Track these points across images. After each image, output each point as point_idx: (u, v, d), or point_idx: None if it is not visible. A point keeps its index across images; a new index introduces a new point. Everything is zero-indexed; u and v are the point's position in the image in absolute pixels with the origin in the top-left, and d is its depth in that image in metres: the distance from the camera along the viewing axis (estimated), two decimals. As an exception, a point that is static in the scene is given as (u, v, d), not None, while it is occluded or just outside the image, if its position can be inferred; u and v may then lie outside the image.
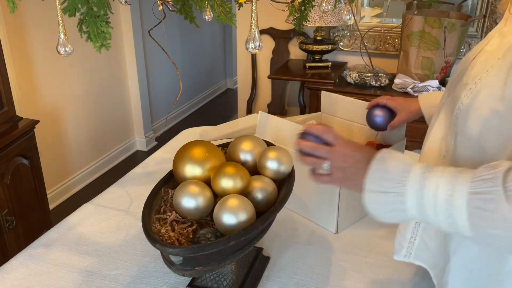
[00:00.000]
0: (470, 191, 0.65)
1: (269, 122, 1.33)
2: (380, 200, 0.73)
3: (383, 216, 0.75)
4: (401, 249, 0.89)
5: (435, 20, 2.34)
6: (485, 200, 0.63)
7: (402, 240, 0.88)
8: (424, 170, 0.71)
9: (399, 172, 0.72)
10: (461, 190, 0.65)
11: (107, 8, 0.80)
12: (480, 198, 0.63)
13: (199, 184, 0.92)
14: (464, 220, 0.65)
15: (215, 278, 1.01)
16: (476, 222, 0.64)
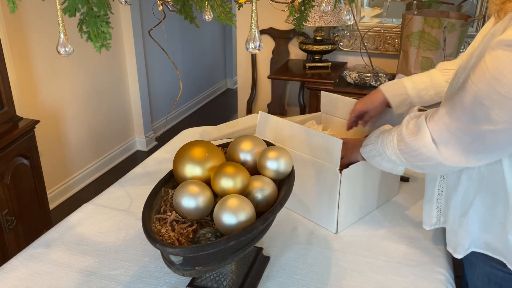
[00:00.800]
0: (397, 133, 1.02)
1: (269, 122, 1.33)
2: (366, 150, 1.13)
3: (373, 161, 1.13)
4: (431, 218, 1.12)
5: (435, 20, 2.34)
6: (400, 128, 1.00)
7: (430, 211, 1.12)
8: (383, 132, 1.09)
9: (376, 132, 1.12)
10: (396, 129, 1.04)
11: (107, 8, 0.80)
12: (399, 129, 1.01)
13: (199, 184, 0.92)
14: (396, 147, 1.02)
15: (215, 278, 1.01)
16: (398, 143, 1.01)
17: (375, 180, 1.30)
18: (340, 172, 1.17)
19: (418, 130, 0.94)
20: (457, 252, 1.04)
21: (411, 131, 0.96)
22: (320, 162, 1.21)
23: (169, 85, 4.09)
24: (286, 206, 1.25)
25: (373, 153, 1.11)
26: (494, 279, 1.01)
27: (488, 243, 0.99)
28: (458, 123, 0.87)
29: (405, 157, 1.01)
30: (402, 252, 1.16)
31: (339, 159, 1.17)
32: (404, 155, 1.00)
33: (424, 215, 1.14)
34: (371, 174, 1.27)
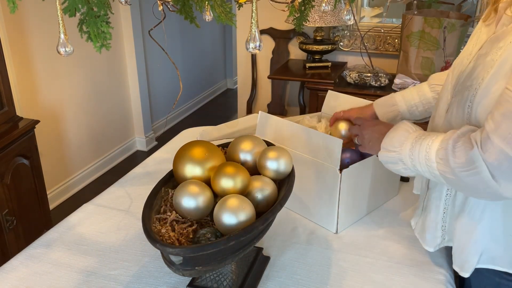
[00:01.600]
0: (437, 147, 0.90)
1: (269, 122, 1.33)
2: (388, 156, 1.01)
3: (393, 168, 1.02)
4: (435, 239, 1.07)
5: (435, 20, 2.34)
6: (443, 154, 0.89)
7: (435, 232, 1.07)
8: (418, 134, 0.97)
9: (401, 138, 0.99)
10: (433, 147, 0.91)
11: (107, 8, 0.80)
12: (441, 153, 0.89)
13: (199, 184, 0.92)
14: (435, 169, 0.91)
15: (215, 278, 1.01)
16: (441, 169, 0.89)
17: (375, 180, 1.30)
18: (340, 172, 1.17)
19: (472, 163, 0.83)
20: (465, 270, 1.00)
21: (462, 163, 0.85)
22: (320, 162, 1.21)
23: (169, 85, 4.09)
24: (286, 206, 1.25)
25: (396, 162, 1.00)
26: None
27: (496, 257, 0.97)
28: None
29: (450, 182, 0.91)
30: (402, 252, 1.16)
31: (339, 159, 1.16)
32: (450, 182, 0.90)
33: (427, 236, 1.08)
34: (371, 174, 1.27)
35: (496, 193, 0.83)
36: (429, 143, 0.92)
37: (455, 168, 0.86)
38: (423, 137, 0.94)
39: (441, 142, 0.90)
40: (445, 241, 1.07)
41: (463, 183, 0.86)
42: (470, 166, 0.83)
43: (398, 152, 0.98)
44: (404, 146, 0.97)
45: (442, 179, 0.91)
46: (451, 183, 0.90)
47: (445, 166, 0.88)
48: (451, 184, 0.91)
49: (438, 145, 0.90)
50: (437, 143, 0.91)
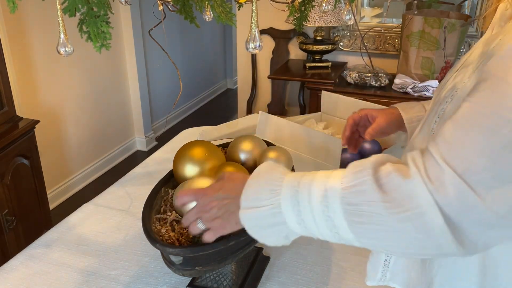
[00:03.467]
0: (342, 186, 0.61)
1: (269, 122, 1.33)
2: (256, 215, 0.67)
3: (265, 234, 0.68)
4: (376, 273, 0.83)
5: (435, 20, 2.34)
6: (356, 192, 0.59)
7: (376, 263, 0.82)
8: (297, 176, 0.66)
9: (273, 182, 0.67)
10: (333, 188, 0.61)
11: (107, 8, 0.80)
12: (352, 192, 0.59)
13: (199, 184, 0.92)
14: (341, 220, 0.60)
15: (215, 278, 1.01)
16: (352, 219, 0.59)
17: (375, 180, 1.30)
18: (340, 172, 1.17)
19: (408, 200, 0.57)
20: None
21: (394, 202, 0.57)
22: (320, 162, 1.21)
23: (169, 85, 4.09)
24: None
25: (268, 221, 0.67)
26: None
27: None
28: None
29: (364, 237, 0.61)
30: (402, 252, 1.16)
31: (339, 159, 1.16)
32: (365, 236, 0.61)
33: (368, 267, 0.84)
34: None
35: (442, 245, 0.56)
36: (324, 182, 0.63)
37: (382, 211, 0.57)
38: (308, 175, 0.66)
39: (345, 177, 0.62)
40: (386, 279, 0.83)
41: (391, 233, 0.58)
42: (407, 204, 0.56)
43: (274, 205, 0.65)
44: (283, 193, 0.65)
45: (348, 234, 0.61)
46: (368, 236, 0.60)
47: (361, 214, 0.59)
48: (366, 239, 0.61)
49: (341, 183, 0.61)
50: (337, 180, 0.62)
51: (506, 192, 0.54)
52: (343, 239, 0.63)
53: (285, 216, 0.65)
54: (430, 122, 0.74)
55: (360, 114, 1.05)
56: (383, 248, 0.63)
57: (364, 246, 0.63)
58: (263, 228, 0.68)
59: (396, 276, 0.81)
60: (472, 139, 0.55)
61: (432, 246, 0.57)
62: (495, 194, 0.54)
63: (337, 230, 0.62)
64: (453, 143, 0.56)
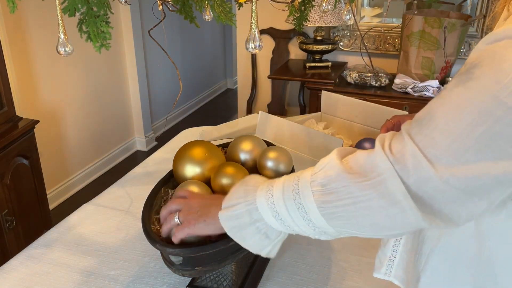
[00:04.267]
0: (311, 174, 0.64)
1: (269, 122, 1.33)
2: (233, 213, 0.70)
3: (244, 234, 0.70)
4: (381, 266, 0.86)
5: (435, 20, 2.34)
6: (323, 173, 0.63)
7: (382, 257, 0.85)
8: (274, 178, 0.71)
9: (250, 184, 0.72)
10: (303, 177, 0.65)
11: (107, 8, 0.80)
12: (319, 174, 0.63)
13: (199, 184, 0.92)
14: (311, 204, 0.62)
15: (215, 278, 1.01)
16: (321, 199, 0.62)
17: (375, 180, 1.30)
18: (340, 172, 1.17)
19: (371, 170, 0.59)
20: None
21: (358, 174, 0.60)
22: (320, 162, 1.21)
23: (169, 85, 4.09)
24: (286, 206, 1.25)
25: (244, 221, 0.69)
26: None
27: None
28: None
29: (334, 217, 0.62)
30: (402, 252, 1.16)
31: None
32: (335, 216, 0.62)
33: (376, 259, 0.88)
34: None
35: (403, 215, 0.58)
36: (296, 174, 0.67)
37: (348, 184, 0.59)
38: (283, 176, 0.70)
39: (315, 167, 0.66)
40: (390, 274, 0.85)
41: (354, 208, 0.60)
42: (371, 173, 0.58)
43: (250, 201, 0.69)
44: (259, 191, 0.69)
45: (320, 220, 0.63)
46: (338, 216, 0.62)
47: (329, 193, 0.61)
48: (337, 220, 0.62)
49: (311, 171, 0.65)
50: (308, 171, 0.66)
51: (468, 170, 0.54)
52: (317, 228, 0.65)
53: (261, 212, 0.68)
54: None
55: (392, 121, 1.06)
56: (355, 228, 0.63)
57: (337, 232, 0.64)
58: (241, 227, 0.70)
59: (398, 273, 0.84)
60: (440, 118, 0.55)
61: (398, 213, 0.58)
62: (454, 171, 0.54)
63: (309, 217, 0.64)
64: (423, 121, 0.57)
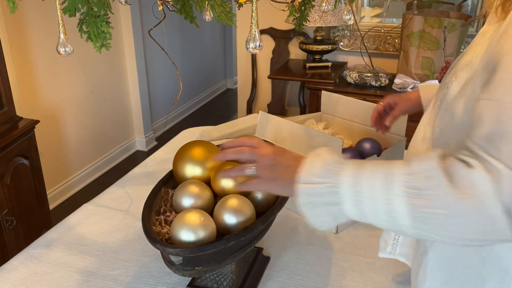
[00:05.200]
0: (406, 172, 0.62)
1: (269, 122, 1.33)
2: (313, 191, 0.68)
3: (316, 212, 0.69)
4: (386, 246, 0.91)
5: (435, 20, 2.34)
6: (423, 178, 0.61)
7: (387, 237, 0.90)
8: (358, 162, 0.69)
9: (333, 163, 0.68)
10: (397, 173, 0.63)
11: (107, 8, 0.80)
12: (418, 177, 0.61)
13: (199, 184, 0.92)
14: (402, 204, 0.61)
15: (215, 278, 1.01)
16: (414, 202, 0.61)
17: (375, 180, 1.30)
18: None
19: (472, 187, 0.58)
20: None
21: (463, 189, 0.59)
22: (320, 162, 1.21)
23: (169, 85, 4.09)
24: (286, 206, 1.25)
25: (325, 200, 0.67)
26: None
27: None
28: None
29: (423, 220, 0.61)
30: (402, 252, 1.16)
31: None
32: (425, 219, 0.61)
33: (380, 240, 0.95)
34: (371, 174, 1.27)
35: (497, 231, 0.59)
36: (388, 168, 0.65)
37: (450, 197, 0.59)
38: (370, 162, 0.68)
39: (409, 165, 0.63)
40: (395, 252, 0.91)
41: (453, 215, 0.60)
42: (472, 191, 0.58)
43: (332, 183, 0.66)
44: (342, 172, 0.67)
45: (406, 220, 0.63)
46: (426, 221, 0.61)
47: (427, 198, 0.60)
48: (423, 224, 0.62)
49: (405, 170, 0.63)
50: (400, 168, 0.64)
51: None
52: (396, 225, 0.65)
53: (342, 197, 0.66)
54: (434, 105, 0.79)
55: (383, 103, 1.17)
56: (438, 234, 0.62)
57: (416, 233, 0.64)
58: (316, 205, 0.68)
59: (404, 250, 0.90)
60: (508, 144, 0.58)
61: (491, 231, 0.59)
62: None
63: (394, 215, 0.63)
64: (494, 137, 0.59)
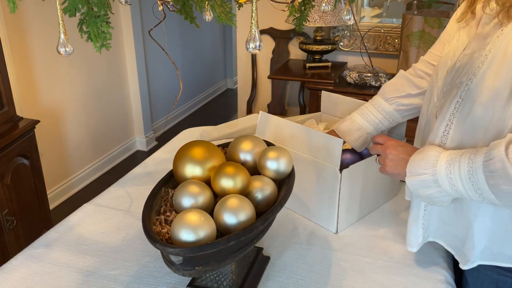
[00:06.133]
0: (483, 160, 0.84)
1: (269, 122, 1.33)
2: (418, 181, 0.93)
3: (424, 193, 0.94)
4: (417, 238, 1.06)
5: (435, 20, 2.34)
6: (494, 164, 0.82)
7: (417, 231, 1.06)
8: (451, 153, 0.91)
9: (432, 158, 0.92)
10: (478, 161, 0.85)
11: (107, 8, 0.80)
12: (490, 163, 0.82)
13: (199, 184, 0.92)
14: (484, 184, 0.84)
15: (215, 278, 1.01)
16: (492, 183, 0.83)
17: (375, 180, 1.30)
18: (340, 172, 1.17)
19: None
20: (465, 265, 1.01)
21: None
22: (320, 162, 1.21)
23: (169, 85, 4.09)
24: (286, 206, 1.25)
25: (429, 185, 0.93)
26: (502, 286, 0.99)
27: (496, 254, 0.97)
28: None
29: (503, 195, 0.84)
30: (402, 252, 1.16)
31: (340, 159, 1.16)
32: (504, 194, 0.83)
33: (409, 236, 1.08)
34: (371, 174, 1.27)
35: None
36: (470, 157, 0.86)
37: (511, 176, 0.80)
38: (459, 154, 0.89)
39: (486, 153, 0.84)
40: (425, 238, 1.07)
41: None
42: None
43: (432, 174, 0.91)
44: (438, 166, 0.91)
45: (489, 194, 0.85)
46: (504, 197, 0.83)
47: (498, 177, 0.82)
48: (503, 199, 0.84)
49: (483, 157, 0.84)
50: (480, 156, 0.85)
51: None
52: (487, 199, 0.87)
53: (441, 183, 0.91)
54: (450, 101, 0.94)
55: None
56: None
57: (503, 202, 0.85)
58: (423, 190, 0.94)
59: (432, 232, 1.06)
60: None
61: None
62: None
63: (481, 192, 0.86)
64: None
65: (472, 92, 0.89)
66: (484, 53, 0.88)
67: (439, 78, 1.02)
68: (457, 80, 0.93)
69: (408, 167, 0.95)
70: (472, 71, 0.90)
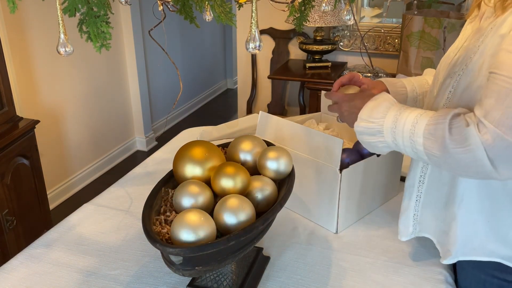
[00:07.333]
0: (427, 122, 0.88)
1: (269, 122, 1.33)
2: (366, 128, 0.98)
3: (367, 140, 0.98)
4: (407, 228, 1.09)
5: (435, 20, 2.34)
6: (435, 129, 0.86)
7: (406, 221, 1.08)
8: (400, 107, 0.95)
9: (383, 108, 0.96)
10: (422, 122, 0.89)
11: (107, 8, 0.80)
12: (432, 128, 0.87)
13: (199, 184, 0.92)
14: (420, 145, 0.89)
15: (215, 278, 1.01)
16: (427, 145, 0.87)
17: (375, 180, 1.30)
18: (340, 172, 1.17)
19: (467, 140, 0.82)
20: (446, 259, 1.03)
21: (457, 140, 0.83)
22: (320, 162, 1.21)
23: (169, 85, 4.09)
24: (286, 206, 1.25)
25: (374, 134, 0.97)
26: (489, 287, 1.00)
27: (475, 247, 0.98)
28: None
29: (433, 159, 0.88)
30: (402, 252, 1.16)
31: (340, 159, 1.16)
32: (434, 159, 0.88)
33: (400, 226, 1.11)
34: (371, 174, 1.28)
35: (485, 172, 0.82)
36: (416, 117, 0.90)
37: (448, 145, 0.84)
38: (408, 111, 0.93)
39: (431, 118, 0.88)
40: (416, 231, 1.09)
41: (451, 160, 0.85)
42: (465, 143, 0.82)
43: (378, 123, 0.95)
44: (386, 118, 0.94)
45: (423, 155, 0.89)
46: (435, 160, 0.88)
47: (435, 142, 0.86)
48: (433, 162, 0.89)
49: (427, 121, 0.88)
50: (425, 119, 0.88)
51: None
52: (419, 158, 0.92)
53: (384, 134, 0.95)
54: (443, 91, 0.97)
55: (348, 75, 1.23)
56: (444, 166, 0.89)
57: (432, 162, 0.90)
58: (368, 137, 0.98)
59: (425, 227, 1.07)
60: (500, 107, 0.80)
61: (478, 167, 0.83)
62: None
63: (416, 151, 0.91)
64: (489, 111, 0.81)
65: (462, 82, 0.91)
66: (477, 44, 0.90)
67: (440, 71, 1.03)
68: (452, 70, 0.96)
69: (360, 113, 0.99)
70: (465, 62, 0.92)
